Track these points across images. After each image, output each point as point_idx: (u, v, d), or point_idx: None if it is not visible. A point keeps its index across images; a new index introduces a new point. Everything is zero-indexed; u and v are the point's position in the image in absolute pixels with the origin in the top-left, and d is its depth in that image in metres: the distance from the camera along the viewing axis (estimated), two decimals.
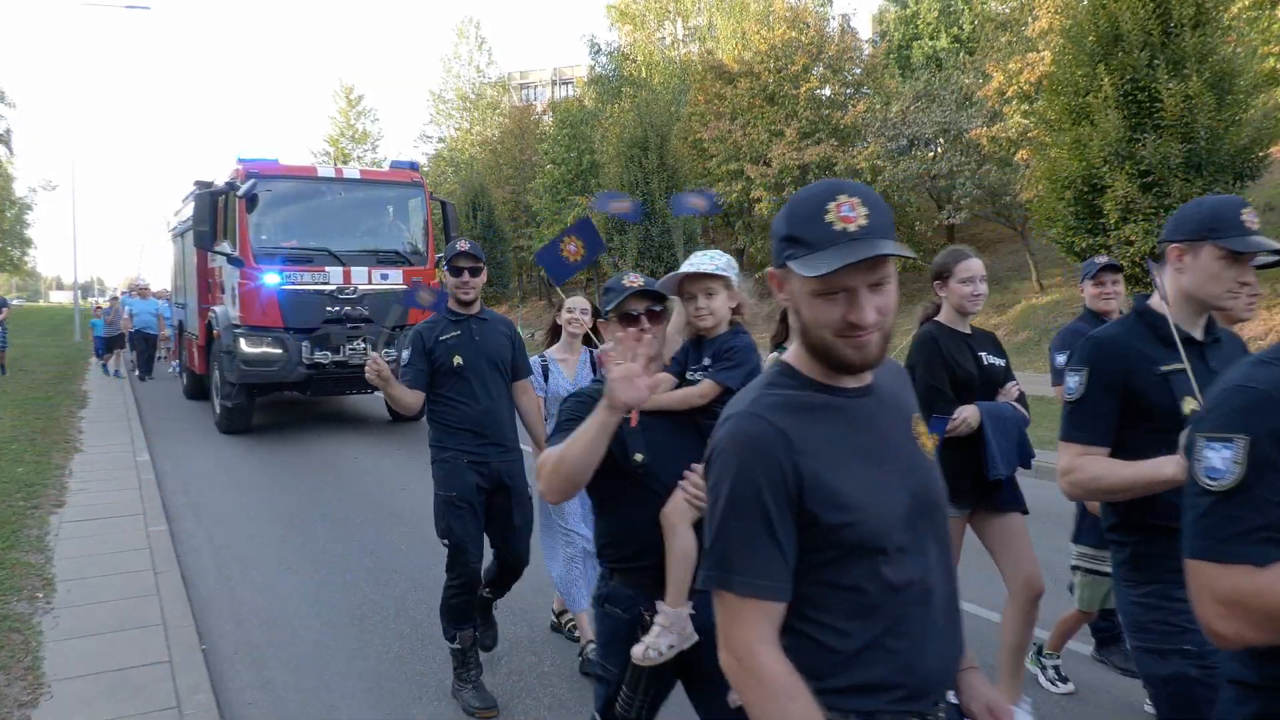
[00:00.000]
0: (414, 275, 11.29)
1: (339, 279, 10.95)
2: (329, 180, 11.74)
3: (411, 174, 12.16)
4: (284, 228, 11.08)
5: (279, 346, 10.52)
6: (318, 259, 10.89)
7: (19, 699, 3.90)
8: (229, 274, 11.23)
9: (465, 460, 4.06)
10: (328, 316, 10.81)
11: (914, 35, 35.88)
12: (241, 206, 10.72)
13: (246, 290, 10.66)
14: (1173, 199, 9.40)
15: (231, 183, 11.04)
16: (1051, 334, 19.21)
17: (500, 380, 4.19)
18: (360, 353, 10.73)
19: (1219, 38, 9.81)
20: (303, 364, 10.61)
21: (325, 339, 10.72)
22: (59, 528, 6.60)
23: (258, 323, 10.58)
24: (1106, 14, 9.96)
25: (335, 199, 11.53)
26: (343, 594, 5.56)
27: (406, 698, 4.16)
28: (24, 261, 60.93)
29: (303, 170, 11.90)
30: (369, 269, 11.16)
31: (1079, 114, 10.20)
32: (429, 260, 11.76)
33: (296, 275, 10.72)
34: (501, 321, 4.37)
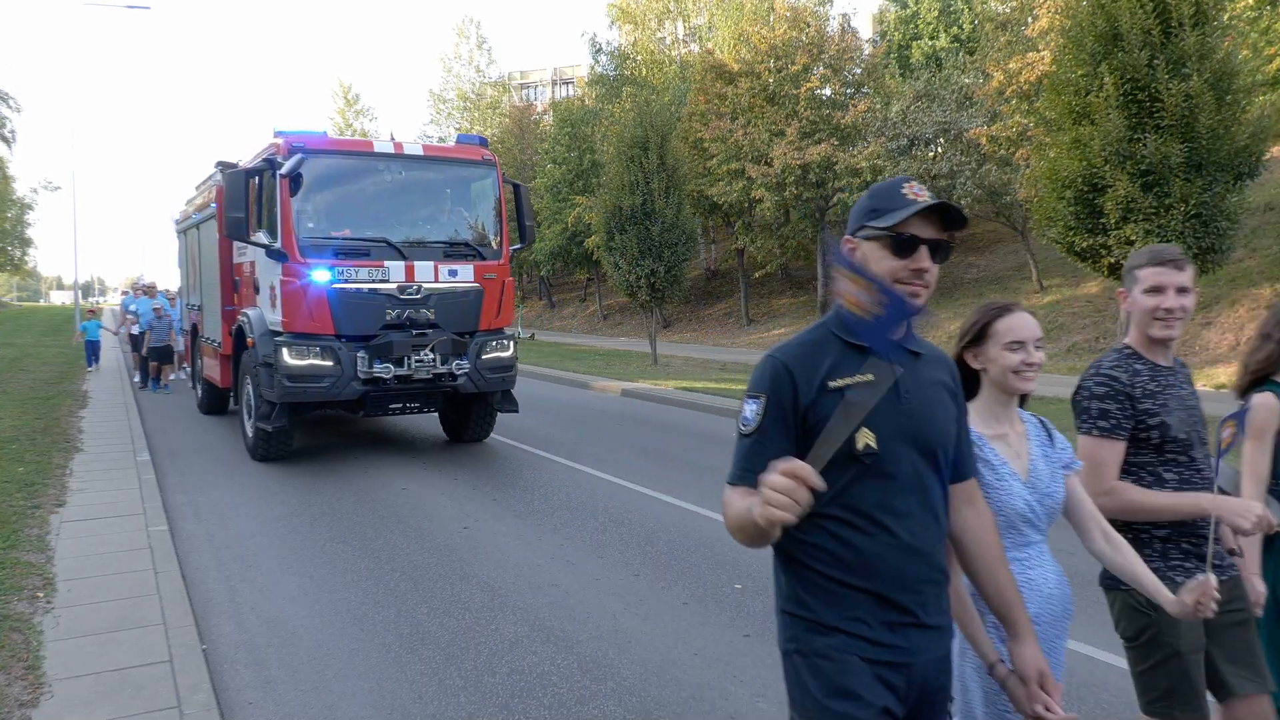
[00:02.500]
0: (486, 271, 9.73)
1: (400, 276, 9.17)
2: (387, 157, 9.60)
3: (481, 150, 10.28)
4: (334, 214, 9.30)
5: (330, 358, 8.85)
6: (375, 252, 9.14)
7: (19, 699, 3.90)
8: (266, 270, 9.38)
9: (863, 654, 1.84)
10: (387, 321, 9.10)
11: (914, 35, 35.92)
12: (284, 188, 8.88)
13: (291, 290, 8.86)
14: (1173, 199, 9.40)
15: (271, 160, 9.11)
16: (1051, 333, 19.29)
17: (936, 482, 1.93)
18: (429, 364, 9.17)
19: (1219, 37, 9.81)
20: (358, 379, 8.96)
21: (386, 349, 8.97)
22: (59, 528, 6.60)
23: (304, 329, 8.87)
24: (1105, 14, 9.95)
25: (394, 180, 9.67)
26: (343, 594, 5.56)
27: (407, 698, 4.16)
28: (24, 261, 61.02)
29: (356, 145, 9.97)
30: (435, 264, 9.37)
31: (1079, 114, 10.19)
32: (503, 254, 10.01)
33: (351, 272, 8.95)
34: (938, 359, 2.05)
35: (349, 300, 8.94)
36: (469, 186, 10.21)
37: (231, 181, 8.95)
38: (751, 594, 5.51)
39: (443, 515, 7.48)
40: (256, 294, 9.82)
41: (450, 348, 9.25)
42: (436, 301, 9.31)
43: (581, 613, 5.22)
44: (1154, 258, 2.78)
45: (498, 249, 10.02)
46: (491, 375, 9.58)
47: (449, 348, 9.26)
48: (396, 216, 9.66)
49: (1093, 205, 10.05)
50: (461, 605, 5.33)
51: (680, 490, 8.31)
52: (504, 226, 10.10)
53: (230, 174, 9.10)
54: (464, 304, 9.51)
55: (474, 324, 9.60)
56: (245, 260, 10.46)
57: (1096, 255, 10.30)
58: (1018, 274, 23.76)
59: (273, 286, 9.15)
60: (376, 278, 9.05)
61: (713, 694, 4.18)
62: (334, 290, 8.88)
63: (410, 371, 9.06)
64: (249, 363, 9.66)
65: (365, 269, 9.01)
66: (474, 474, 9.19)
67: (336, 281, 8.89)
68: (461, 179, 10.15)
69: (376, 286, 9.05)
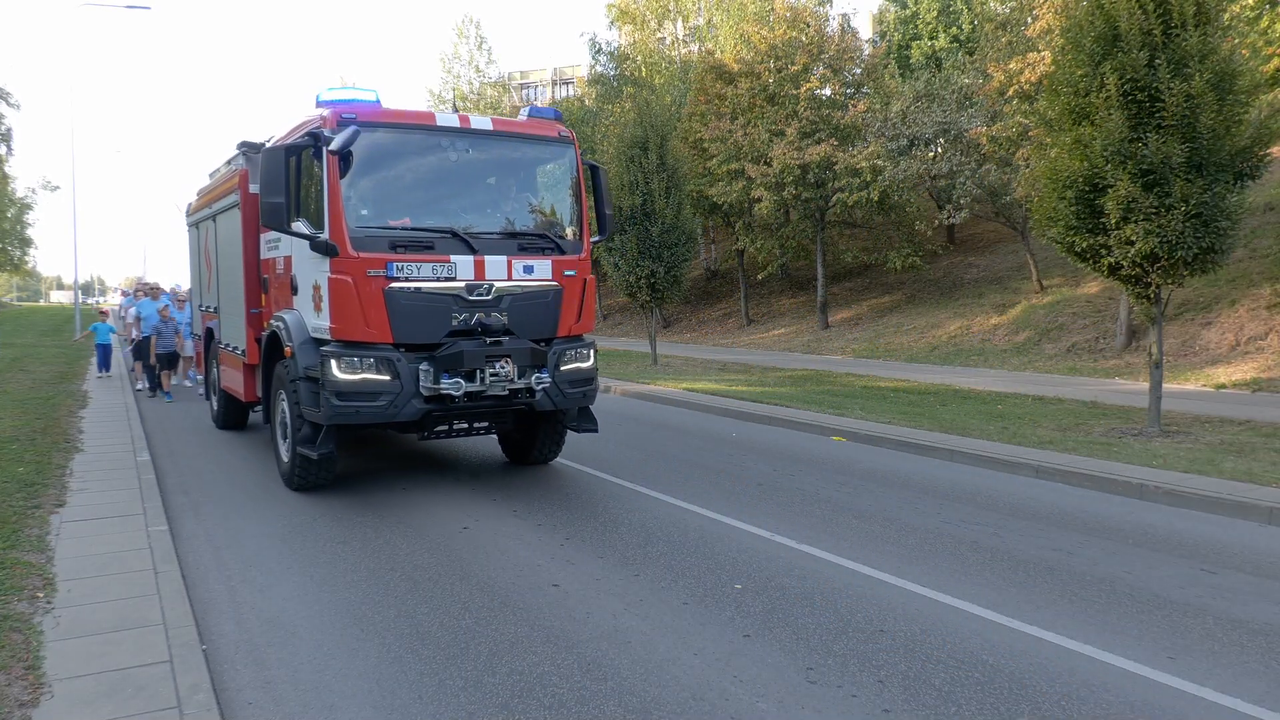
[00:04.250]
0: (565, 267, 8.36)
1: (469, 273, 7.77)
2: (451, 132, 8.11)
3: (556, 125, 8.81)
4: (390, 199, 7.93)
5: (387, 371, 7.47)
6: (440, 245, 7.73)
7: (19, 699, 3.90)
8: (308, 267, 7.99)
9: None
10: (453, 327, 7.74)
11: (914, 35, 35.91)
12: (332, 168, 7.49)
13: (341, 289, 7.48)
14: (1174, 199, 9.39)
15: (316, 134, 7.67)
16: (1051, 333, 19.31)
17: None
18: (504, 378, 7.72)
19: (1220, 37, 9.79)
20: (420, 396, 7.58)
21: (454, 360, 7.59)
22: (59, 528, 6.60)
23: (357, 336, 7.51)
24: (1105, 14, 9.94)
25: (458, 160, 8.21)
26: (343, 594, 5.56)
27: (407, 697, 4.16)
28: (24, 261, 60.99)
29: (416, 117, 8.21)
30: (508, 259, 7.98)
31: (1079, 114, 10.18)
32: (584, 247, 8.63)
33: (411, 268, 7.55)
34: None
35: (410, 302, 7.55)
36: (544, 167, 8.86)
37: (270, 160, 7.55)
38: (751, 594, 5.51)
39: (442, 515, 7.48)
40: (294, 294, 8.40)
41: (529, 358, 7.91)
42: (510, 303, 7.96)
43: (581, 613, 5.22)
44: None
45: (577, 241, 8.61)
46: (572, 390, 8.31)
47: (527, 358, 7.91)
48: (462, 202, 8.28)
49: (1093, 205, 10.04)
50: (461, 605, 5.33)
51: (680, 490, 8.31)
52: (584, 214, 8.71)
53: (269, 151, 7.66)
54: (541, 306, 8.19)
55: (551, 330, 8.30)
56: (277, 255, 9.03)
57: (1096, 255, 10.28)
58: (1018, 274, 23.75)
59: (316, 286, 7.80)
60: (441, 275, 7.66)
61: (713, 694, 4.18)
62: (393, 290, 7.50)
63: (483, 387, 7.68)
64: (285, 376, 8.25)
65: (428, 265, 7.62)
66: (474, 474, 9.19)
67: (395, 280, 7.51)
68: (535, 158, 8.76)
69: (441, 286, 7.67)
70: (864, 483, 8.70)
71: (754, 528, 7.02)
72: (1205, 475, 8.28)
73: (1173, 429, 10.61)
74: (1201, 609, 5.25)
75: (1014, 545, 6.56)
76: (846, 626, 4.98)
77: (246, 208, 9.81)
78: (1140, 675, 4.35)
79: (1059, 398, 13.58)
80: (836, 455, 10.18)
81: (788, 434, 11.69)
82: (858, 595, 5.50)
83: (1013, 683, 4.28)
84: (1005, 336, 20.30)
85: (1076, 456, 9.21)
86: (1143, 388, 13.32)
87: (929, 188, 24.38)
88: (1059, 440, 10.05)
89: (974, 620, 5.08)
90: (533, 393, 7.98)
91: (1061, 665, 4.47)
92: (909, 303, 25.80)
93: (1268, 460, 8.82)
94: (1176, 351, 16.10)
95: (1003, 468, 9.25)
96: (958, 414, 12.21)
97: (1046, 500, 8.01)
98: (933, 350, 20.88)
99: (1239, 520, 7.30)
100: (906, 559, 6.23)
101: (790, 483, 8.63)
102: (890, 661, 4.52)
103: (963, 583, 5.72)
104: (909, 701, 4.09)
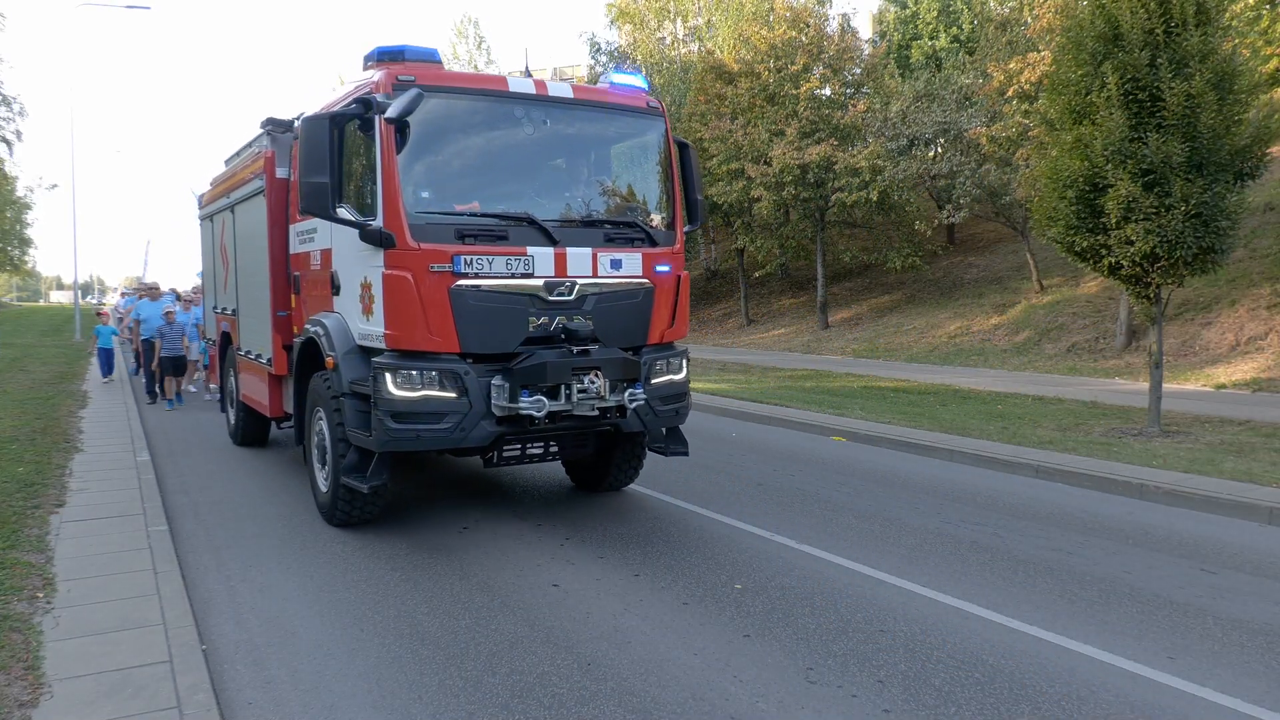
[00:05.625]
0: (657, 261, 7.09)
1: (548, 268, 6.53)
2: (526, 100, 6.83)
3: (644, 95, 7.53)
4: (455, 180, 6.72)
5: (453, 386, 6.25)
6: (515, 234, 6.49)
7: (19, 699, 3.90)
8: (354, 261, 6.76)
9: None
10: (530, 334, 6.49)
11: (914, 35, 35.93)
12: (388, 140, 6.19)
13: (398, 288, 6.23)
14: (1174, 199, 9.39)
15: (366, 100, 6.33)
16: (1051, 333, 19.31)
17: None
18: (593, 395, 6.40)
19: (1219, 37, 9.80)
20: (491, 416, 6.32)
21: (535, 373, 6.29)
22: (59, 528, 6.60)
23: (417, 345, 6.27)
24: (1105, 14, 9.95)
25: (534, 133, 6.95)
26: (343, 594, 5.56)
27: (407, 698, 4.16)
28: (24, 261, 61.04)
29: (485, 81, 7.01)
30: (593, 251, 6.74)
31: (1080, 114, 10.19)
32: (677, 238, 7.38)
33: (482, 263, 6.30)
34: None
35: (480, 303, 6.32)
36: (630, 143, 7.63)
37: (311, 132, 6.30)
38: (751, 594, 5.51)
39: (442, 515, 7.48)
40: (335, 295, 7.21)
41: (620, 370, 6.64)
42: (595, 305, 6.74)
43: (581, 613, 5.22)
44: None
45: (669, 230, 7.36)
46: (664, 408, 7.06)
47: (619, 370, 6.63)
48: (537, 184, 7.06)
49: (1093, 205, 10.04)
50: (461, 605, 5.33)
51: (680, 491, 8.31)
52: (676, 200, 7.48)
53: (310, 122, 6.41)
54: (630, 308, 6.98)
55: (641, 336, 7.08)
56: (312, 248, 7.76)
57: (1097, 255, 10.29)
58: (1018, 274, 23.75)
59: (366, 284, 6.58)
60: (517, 271, 6.42)
61: (713, 694, 4.18)
62: (459, 289, 6.24)
63: (569, 406, 6.35)
64: (325, 391, 6.99)
65: (502, 258, 6.36)
66: (473, 474, 9.19)
67: (462, 276, 6.25)
68: (621, 133, 7.52)
69: (517, 284, 6.43)
70: (864, 483, 8.70)
71: (754, 528, 7.02)
72: (1205, 475, 8.27)
73: (1173, 429, 10.61)
74: (1201, 609, 5.25)
75: (1014, 545, 6.56)
76: (846, 626, 4.98)
77: (273, 194, 8.65)
78: (1140, 675, 4.35)
79: (1059, 398, 13.58)
80: (836, 455, 10.18)
81: (788, 434, 11.69)
82: (858, 595, 5.49)
83: (1013, 683, 4.28)
84: (1005, 336, 20.30)
85: (1076, 456, 9.21)
86: (1143, 388, 13.32)
87: (929, 188, 24.38)
88: (1059, 440, 10.05)
89: (974, 620, 5.08)
90: (624, 412, 6.69)
91: (1061, 665, 4.47)
92: (909, 303, 25.80)
93: (1268, 460, 8.81)
94: (1176, 351, 16.10)
95: (1003, 468, 9.25)
96: (958, 414, 12.21)
97: (1046, 500, 8.01)
98: (932, 350, 20.88)
99: (1239, 520, 7.30)
100: (906, 559, 6.22)
101: (790, 483, 8.63)
102: (890, 661, 4.52)
103: (963, 583, 5.72)
104: (909, 701, 4.09)
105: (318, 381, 7.26)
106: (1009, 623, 5.02)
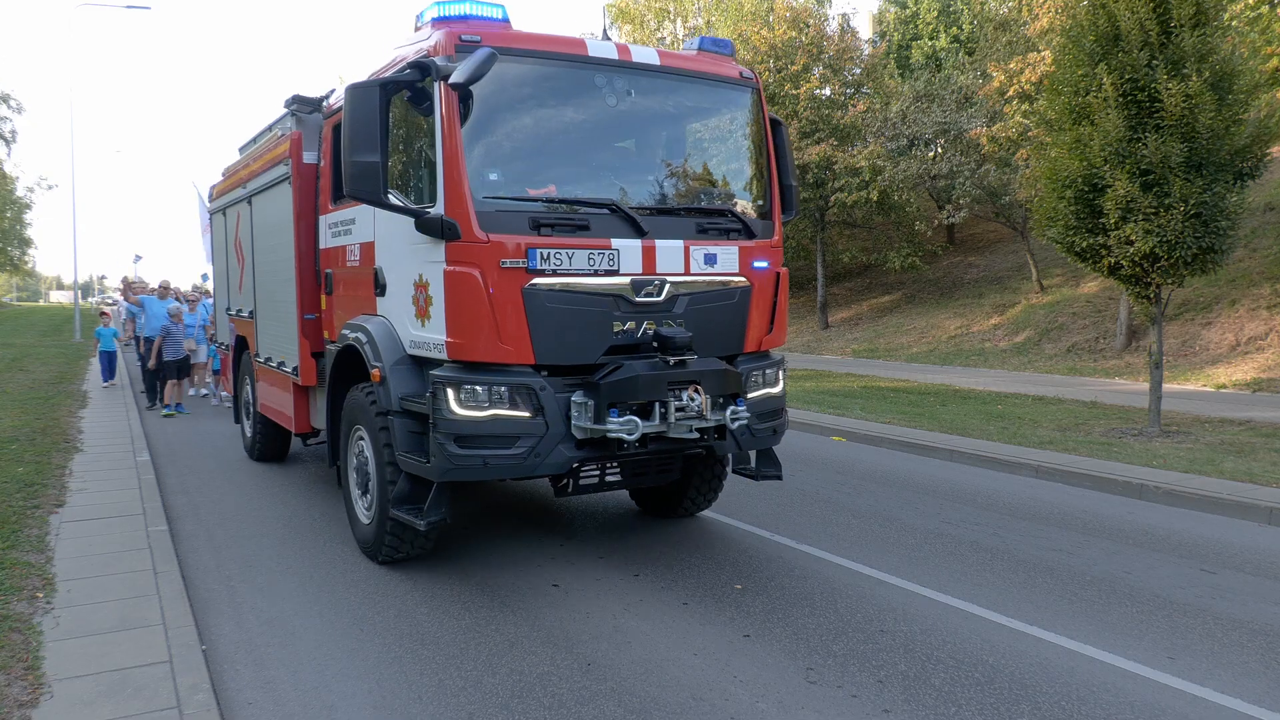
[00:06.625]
0: (754, 256, 6.16)
1: (635, 264, 5.61)
2: (608, 67, 5.86)
3: (735, 66, 6.57)
4: (526, 159, 5.78)
5: (527, 404, 5.31)
6: (597, 224, 5.55)
7: (19, 699, 3.90)
8: (405, 255, 5.84)
9: None
10: (616, 341, 5.56)
11: (914, 35, 35.93)
12: (451, 110, 5.27)
13: (463, 287, 5.30)
14: (1173, 199, 9.40)
15: (424, 64, 5.39)
16: (1051, 334, 19.30)
17: None
18: (693, 414, 5.44)
19: (1219, 37, 9.81)
20: (571, 439, 5.39)
21: (626, 388, 5.35)
22: (59, 528, 6.60)
23: (486, 356, 5.33)
24: (1105, 14, 9.96)
25: (616, 105, 5.95)
26: (343, 594, 5.56)
27: (407, 698, 4.16)
28: (24, 261, 61.06)
29: (560, 44, 5.82)
30: (684, 244, 5.81)
31: (1079, 114, 10.19)
32: (775, 229, 6.41)
33: (561, 258, 5.39)
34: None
35: (558, 305, 5.41)
36: (721, 119, 6.72)
37: (359, 102, 5.32)
38: (751, 594, 5.51)
39: None
40: (379, 295, 6.25)
41: (722, 384, 5.70)
42: (686, 307, 5.81)
43: (581, 613, 5.22)
44: None
45: (767, 220, 6.39)
46: (761, 427, 6.11)
47: (720, 384, 5.68)
48: (619, 164, 6.17)
49: (1093, 205, 10.05)
50: (461, 605, 5.33)
51: None
52: (774, 185, 6.49)
53: (358, 90, 5.37)
54: (726, 310, 6.06)
55: (738, 344, 6.15)
56: (350, 242, 6.81)
57: (1096, 255, 10.29)
58: (1018, 274, 23.75)
59: (422, 282, 5.64)
60: (601, 267, 5.50)
61: (713, 694, 4.18)
62: (534, 289, 5.33)
63: (664, 427, 5.40)
64: (369, 408, 6.04)
65: (583, 252, 5.45)
66: None
67: (538, 273, 5.34)
68: (711, 106, 6.61)
69: (601, 283, 5.51)
70: (864, 483, 8.70)
71: (754, 528, 7.03)
72: (1205, 475, 8.28)
73: (1173, 429, 10.61)
74: (1201, 609, 5.25)
75: (1014, 545, 6.56)
76: (846, 626, 4.98)
77: (300, 182, 7.69)
78: (1140, 675, 4.35)
79: (1059, 398, 13.58)
80: (836, 455, 10.18)
81: (788, 434, 11.66)
82: (858, 595, 5.50)
83: (1013, 683, 4.28)
84: (1005, 336, 20.30)
85: (1076, 456, 9.21)
86: (1143, 388, 13.32)
87: (929, 188, 24.38)
88: (1059, 440, 10.05)
89: (974, 620, 5.08)
90: (724, 433, 5.70)
91: (1061, 665, 4.47)
92: (909, 303, 25.81)
93: (1268, 460, 8.82)
94: (1176, 351, 16.10)
95: (1003, 468, 9.25)
96: (958, 414, 12.21)
97: (1046, 500, 8.01)
98: (932, 350, 20.88)
99: (1239, 520, 7.30)
100: (906, 559, 6.23)
101: (790, 483, 8.63)
102: (890, 661, 4.52)
103: (963, 583, 5.72)
104: (909, 701, 4.09)
105: (358, 396, 6.32)
106: (1009, 623, 5.02)
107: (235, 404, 10.79)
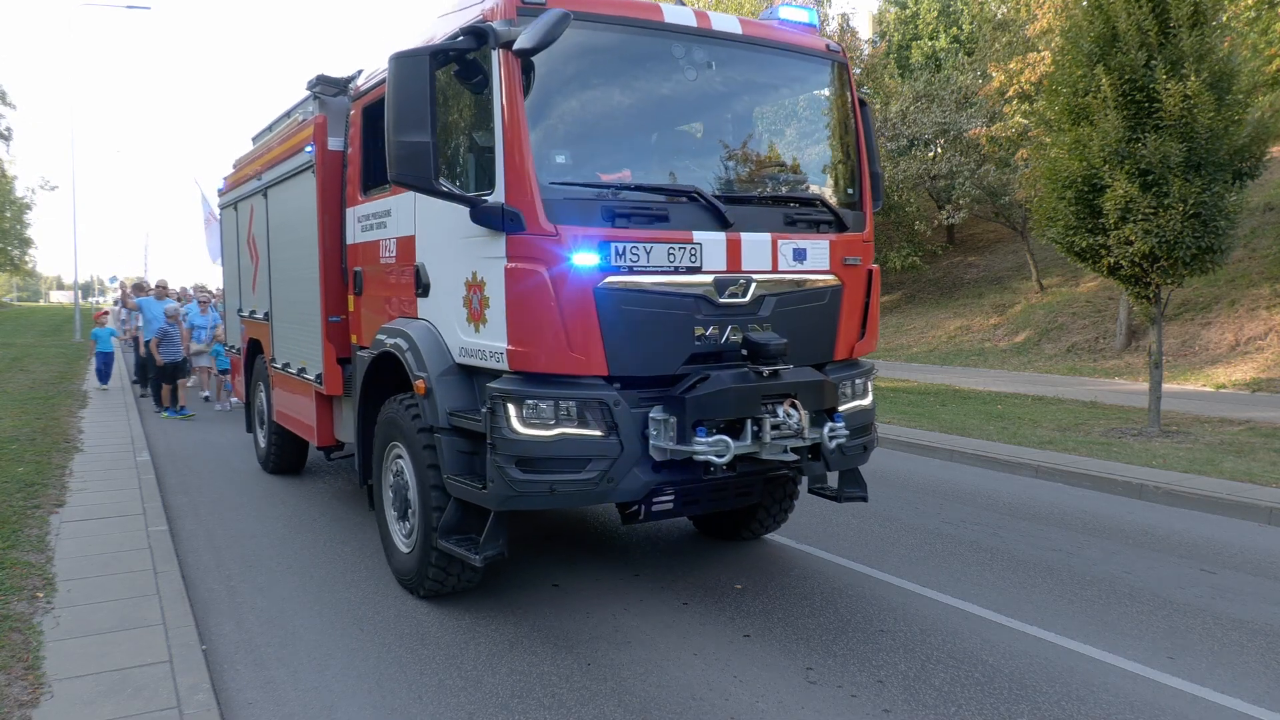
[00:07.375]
0: (846, 251, 5.49)
1: (718, 260, 4.92)
2: (686, 35, 5.09)
3: (820, 38, 5.89)
4: (596, 140, 5.10)
5: (599, 422, 4.60)
6: (676, 215, 4.84)
7: (19, 699, 3.90)
8: (454, 250, 5.09)
9: None
10: (697, 349, 4.87)
11: (914, 35, 35.93)
12: (512, 82, 4.55)
13: (526, 286, 4.59)
14: (1172, 199, 9.40)
15: (480, 29, 4.63)
16: (1051, 333, 19.30)
17: None
18: (789, 431, 4.76)
19: (1217, 37, 9.82)
20: (649, 461, 4.69)
21: (716, 401, 4.66)
22: (59, 528, 6.60)
23: (552, 366, 4.63)
24: (1103, 14, 9.97)
25: (695, 80, 5.21)
26: (343, 594, 5.56)
27: (407, 698, 4.16)
28: (24, 261, 61.04)
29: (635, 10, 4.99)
30: (771, 237, 5.13)
31: (1079, 114, 10.20)
32: (866, 221, 5.71)
33: (639, 253, 4.69)
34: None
35: (634, 308, 4.71)
36: (807, 96, 6.02)
37: (407, 73, 4.52)
38: (751, 594, 5.51)
39: None
40: (421, 295, 5.50)
41: (819, 398, 5.04)
42: (775, 309, 5.12)
43: (581, 613, 5.22)
44: None
45: (858, 211, 5.70)
46: (852, 444, 5.36)
47: (818, 398, 5.03)
48: (696, 146, 5.49)
49: (1092, 205, 10.06)
50: (461, 605, 5.33)
51: None
52: (864, 171, 5.81)
53: (404, 60, 4.54)
54: (817, 313, 5.40)
55: (828, 351, 5.48)
56: (382, 236, 6.03)
57: (1096, 255, 10.30)
58: (1018, 274, 23.76)
59: (475, 281, 4.91)
60: (682, 264, 4.80)
61: (713, 694, 4.18)
62: (608, 289, 4.62)
63: (756, 447, 4.75)
64: (408, 423, 5.34)
65: (663, 246, 4.74)
66: None
67: (613, 272, 4.63)
68: (796, 82, 5.89)
69: (682, 282, 4.82)
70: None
71: None
72: (1205, 475, 8.28)
73: (1172, 429, 10.62)
74: (1201, 609, 5.25)
75: (1014, 545, 6.56)
76: (846, 626, 4.98)
77: (324, 171, 6.95)
78: (1140, 675, 4.35)
79: (1059, 398, 13.59)
80: None
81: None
82: (858, 595, 5.50)
83: (1013, 683, 4.28)
84: (1005, 336, 20.31)
85: (1076, 456, 9.21)
86: (1142, 388, 13.32)
87: (928, 188, 24.39)
88: (1059, 440, 10.06)
89: (974, 620, 5.08)
90: (818, 453, 5.08)
91: (1061, 665, 4.47)
92: (909, 303, 25.82)
93: (1268, 460, 8.82)
94: (1176, 351, 16.11)
95: (1003, 468, 9.25)
96: (958, 414, 12.21)
97: (1046, 500, 8.01)
98: (932, 350, 20.89)
99: (1239, 520, 7.30)
100: (906, 559, 6.23)
101: None
102: (890, 661, 4.52)
103: (962, 582, 5.72)
104: (909, 701, 4.09)
105: (396, 409, 5.55)
106: (1009, 623, 5.02)
107: (248, 412, 10.05)
